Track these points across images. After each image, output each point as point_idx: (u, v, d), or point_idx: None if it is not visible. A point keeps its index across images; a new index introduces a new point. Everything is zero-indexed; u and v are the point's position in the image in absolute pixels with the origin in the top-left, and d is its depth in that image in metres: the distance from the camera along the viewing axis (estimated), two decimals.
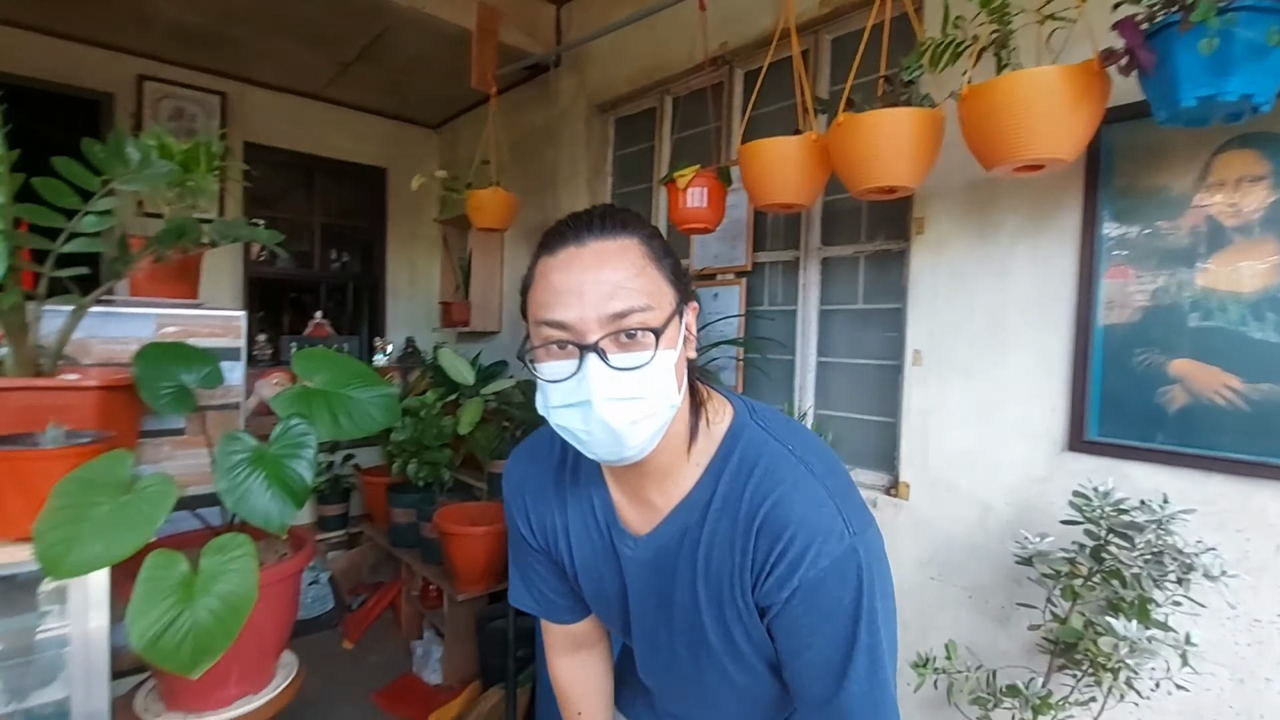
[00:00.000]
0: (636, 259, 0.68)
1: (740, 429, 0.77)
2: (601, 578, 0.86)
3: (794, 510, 0.70)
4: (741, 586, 0.73)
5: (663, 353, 0.67)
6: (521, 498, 0.89)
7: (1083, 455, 1.48)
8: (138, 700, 1.44)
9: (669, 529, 0.78)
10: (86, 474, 1.09)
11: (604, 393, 0.65)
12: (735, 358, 2.25)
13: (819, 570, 0.68)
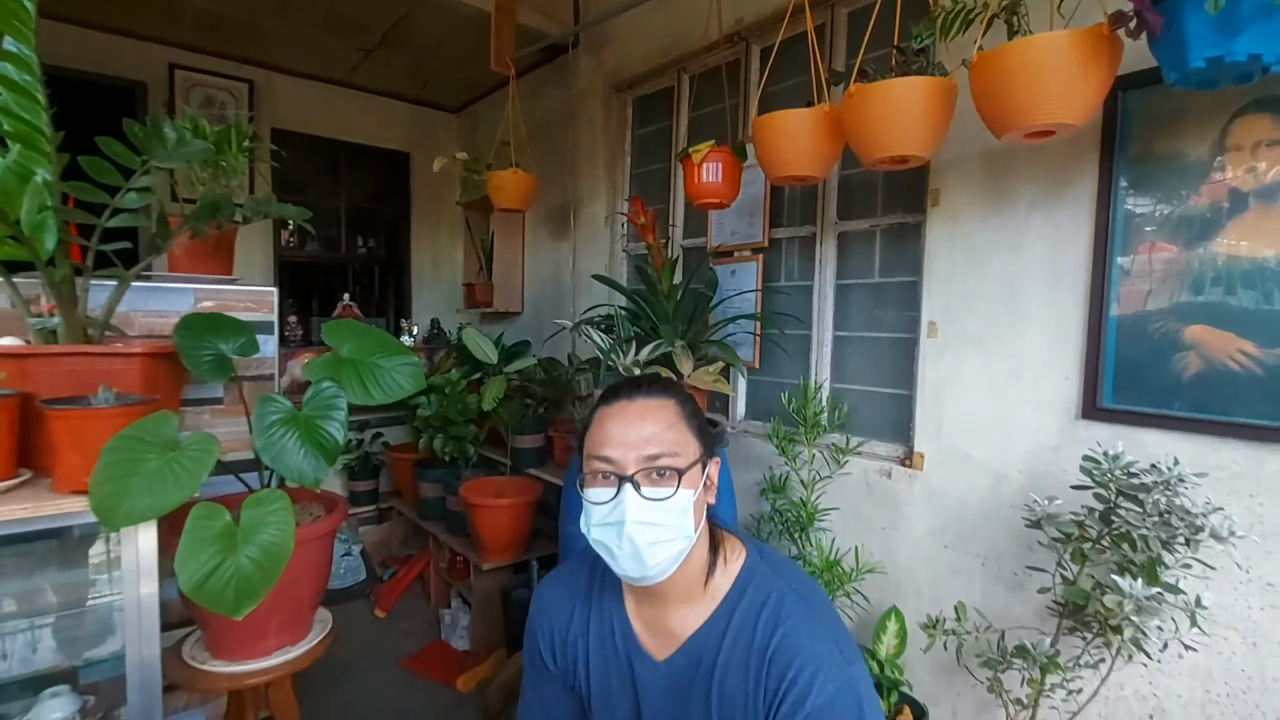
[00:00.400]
0: (671, 417, 0.85)
1: (753, 569, 0.90)
2: (614, 701, 0.95)
3: (802, 643, 0.82)
4: (754, 711, 0.83)
5: (684, 490, 0.83)
6: (548, 619, 0.99)
7: (1096, 423, 1.49)
8: (185, 649, 1.54)
9: (686, 655, 0.89)
10: (135, 432, 1.16)
11: (634, 516, 0.81)
12: (753, 333, 2.28)
13: (826, 697, 0.79)
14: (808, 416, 1.91)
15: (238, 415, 1.73)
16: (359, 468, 3.74)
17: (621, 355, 2.03)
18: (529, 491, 2.69)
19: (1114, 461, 1.27)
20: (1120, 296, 1.46)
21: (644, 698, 0.93)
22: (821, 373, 2.11)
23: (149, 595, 1.39)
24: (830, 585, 1.77)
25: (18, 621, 1.51)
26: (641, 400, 0.86)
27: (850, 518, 1.97)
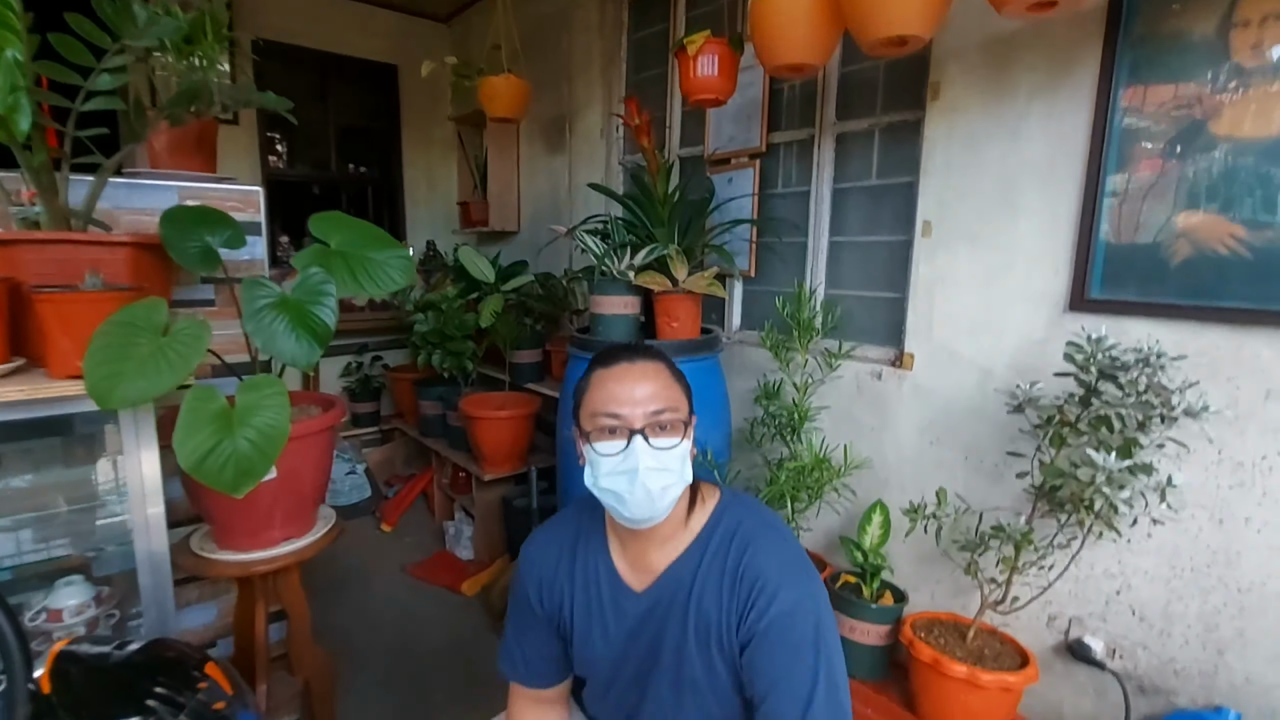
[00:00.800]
0: (665, 378, 0.96)
1: (725, 506, 1.03)
2: (594, 634, 1.05)
3: (767, 561, 0.95)
4: (728, 625, 0.95)
5: (684, 441, 0.95)
6: (536, 567, 1.08)
7: (1083, 315, 1.49)
8: (194, 541, 1.60)
9: (664, 584, 1.00)
10: (126, 317, 1.17)
11: (646, 464, 0.91)
12: (749, 240, 2.26)
13: (787, 606, 0.91)
14: (801, 321, 1.91)
15: (231, 318, 1.74)
16: (359, 390, 3.78)
17: (616, 261, 2.02)
18: (528, 405, 2.74)
19: (1097, 344, 1.28)
20: (1116, 184, 1.44)
21: (625, 627, 1.03)
22: (816, 278, 2.10)
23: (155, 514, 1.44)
24: (819, 481, 1.82)
25: (26, 516, 1.56)
26: (641, 363, 0.96)
27: (841, 419, 2.00)
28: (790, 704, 0.90)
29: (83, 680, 1.08)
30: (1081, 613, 1.54)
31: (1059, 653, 1.58)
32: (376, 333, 3.83)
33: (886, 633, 1.67)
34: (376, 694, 2.08)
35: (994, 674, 1.43)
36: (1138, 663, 1.46)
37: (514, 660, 1.12)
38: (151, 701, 1.09)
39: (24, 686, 0.75)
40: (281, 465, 1.50)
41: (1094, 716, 1.54)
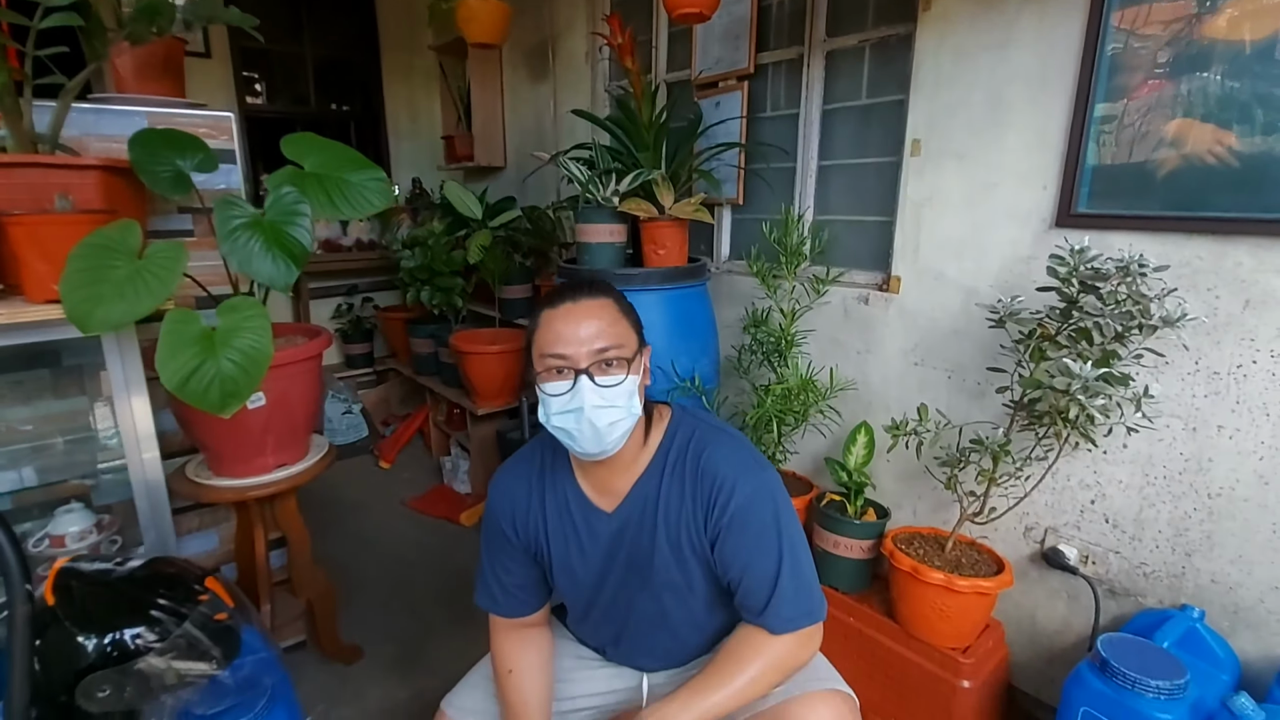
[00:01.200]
0: (612, 314, 0.98)
1: (678, 420, 1.08)
2: (572, 558, 1.10)
3: (724, 457, 1.01)
4: (696, 525, 1.02)
5: (630, 377, 0.96)
6: (508, 500, 1.12)
7: (1069, 230, 1.48)
8: (189, 469, 1.63)
9: (633, 500, 1.05)
10: (99, 240, 1.16)
11: (591, 402, 0.94)
12: (737, 166, 2.21)
13: (746, 496, 0.99)
14: (789, 246, 1.90)
15: (210, 249, 1.72)
16: (351, 331, 3.78)
17: (601, 188, 1.99)
18: (518, 340, 2.74)
19: (1079, 256, 1.27)
20: (1107, 92, 1.41)
21: (600, 547, 1.08)
22: (805, 202, 2.07)
23: (148, 441, 1.46)
24: (805, 404, 1.84)
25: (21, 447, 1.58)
26: (585, 301, 0.97)
27: (827, 344, 2.02)
28: (760, 583, 0.98)
29: (85, 594, 1.11)
30: (1057, 523, 1.59)
31: (1034, 561, 1.64)
32: (365, 273, 3.80)
33: (869, 547, 1.73)
34: (379, 616, 2.16)
35: (969, 579, 1.48)
36: (1109, 568, 1.52)
37: (492, 593, 1.16)
38: (155, 612, 1.13)
39: (21, 587, 0.77)
40: (270, 392, 1.51)
41: (1065, 619, 1.61)
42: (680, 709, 0.95)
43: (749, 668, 0.98)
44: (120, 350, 1.40)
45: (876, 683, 1.66)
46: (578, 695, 1.20)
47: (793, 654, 0.99)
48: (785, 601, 0.98)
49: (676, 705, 0.95)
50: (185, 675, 1.13)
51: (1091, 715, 1.25)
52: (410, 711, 1.74)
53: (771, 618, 0.98)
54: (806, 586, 1.00)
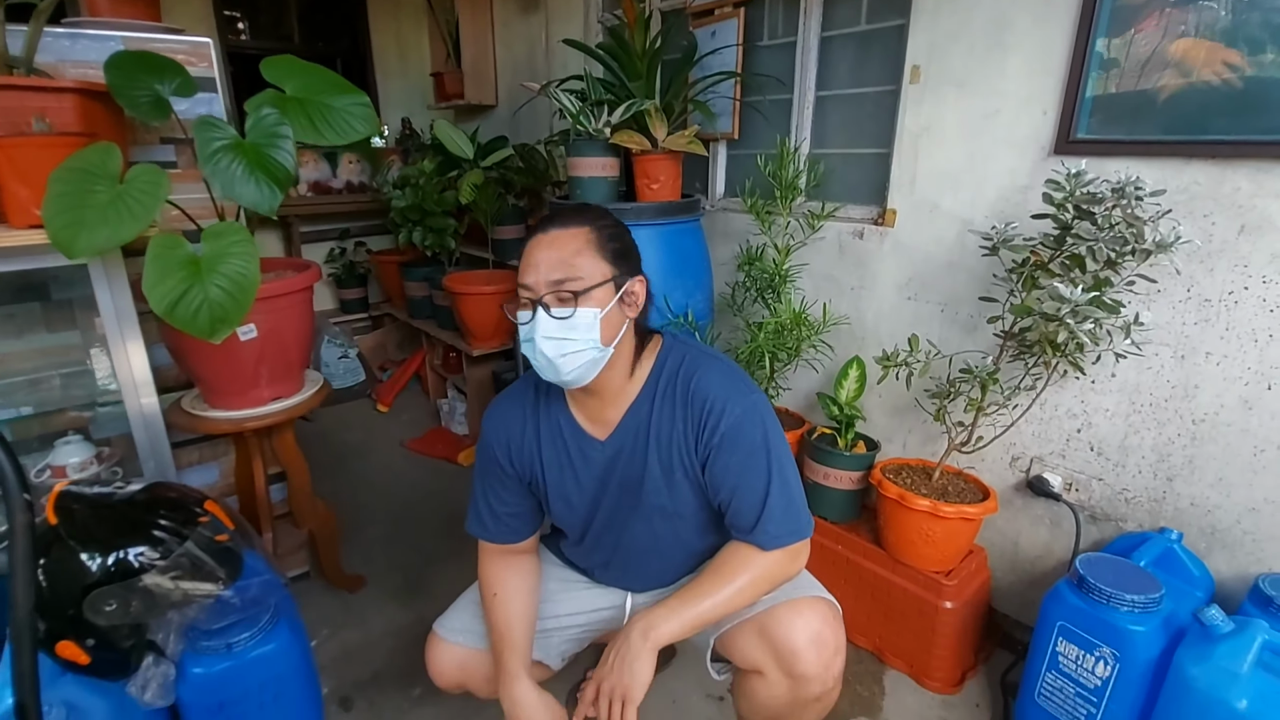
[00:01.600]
0: (579, 244, 0.96)
1: (669, 348, 1.08)
2: (567, 486, 1.12)
3: (713, 380, 1.03)
4: (687, 448, 1.03)
5: (584, 309, 0.94)
6: (503, 429, 1.13)
7: (1068, 157, 1.45)
8: (185, 402, 1.64)
9: (625, 427, 1.06)
10: (79, 163, 1.14)
11: (543, 332, 0.95)
12: (732, 98, 2.16)
13: (736, 418, 1.00)
14: (784, 180, 1.87)
15: (195, 180, 1.69)
16: (345, 276, 3.76)
17: (593, 120, 1.94)
18: (512, 280, 2.72)
19: (1075, 180, 1.26)
20: (1112, 11, 1.36)
21: (594, 474, 1.10)
22: (801, 134, 2.03)
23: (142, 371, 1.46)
24: (798, 339, 1.85)
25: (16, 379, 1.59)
26: (555, 231, 0.96)
27: (821, 280, 2.01)
28: (750, 501, 1.01)
29: (87, 515, 1.14)
30: (1043, 452, 1.62)
31: (1019, 490, 1.67)
32: (357, 216, 3.75)
33: (858, 478, 1.76)
34: (380, 550, 2.21)
35: (955, 505, 1.51)
36: (1092, 494, 1.55)
37: (483, 520, 1.18)
38: (156, 533, 1.16)
39: (19, 495, 0.79)
40: (262, 325, 1.51)
41: (1047, 544, 1.65)
42: (667, 615, 0.98)
43: (737, 579, 1.01)
44: (109, 282, 1.39)
45: (863, 605, 1.71)
46: (562, 614, 1.24)
47: (781, 567, 1.03)
48: (774, 519, 1.00)
49: (663, 611, 0.98)
50: (190, 593, 1.17)
51: (1067, 629, 1.30)
52: (414, 634, 1.80)
53: (760, 535, 1.01)
54: (795, 505, 1.03)
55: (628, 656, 0.96)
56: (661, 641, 0.97)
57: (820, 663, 1.01)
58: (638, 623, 0.98)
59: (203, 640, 1.20)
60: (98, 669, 1.13)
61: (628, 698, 0.95)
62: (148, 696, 1.17)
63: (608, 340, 0.98)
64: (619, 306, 0.99)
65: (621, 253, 1.00)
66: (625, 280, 0.99)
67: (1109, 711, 1.26)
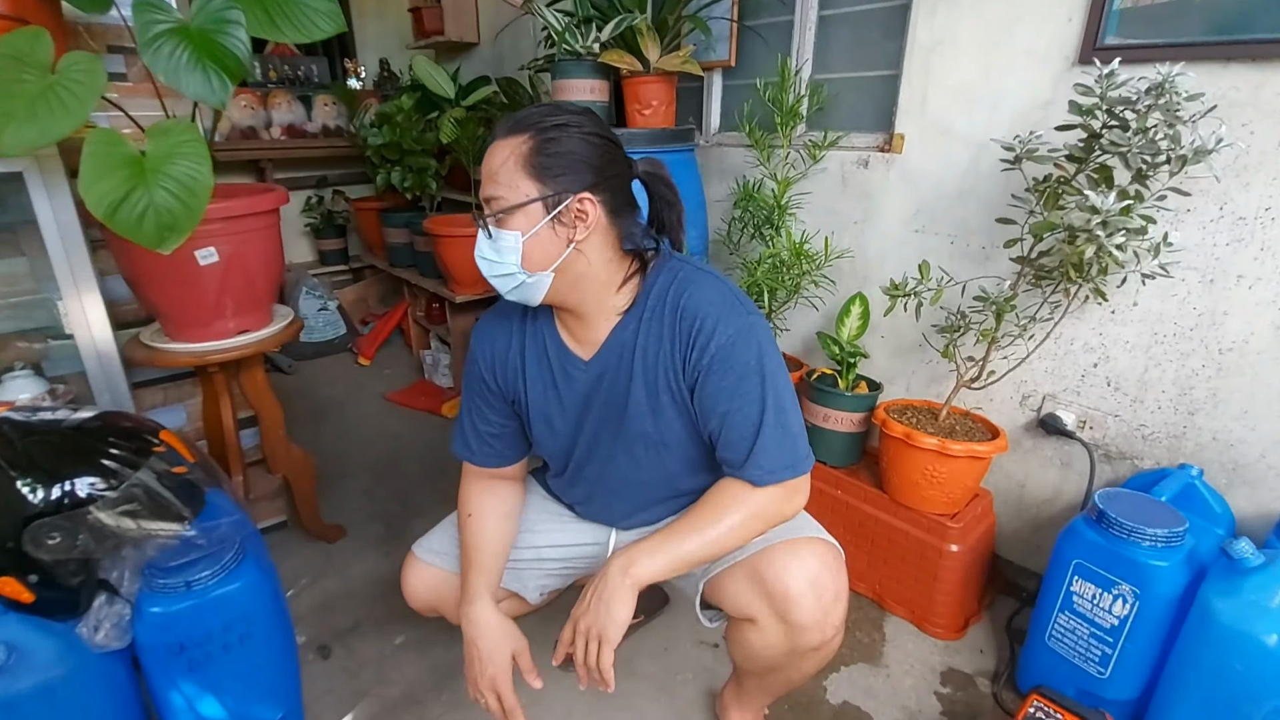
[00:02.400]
0: (512, 159, 0.84)
1: (661, 265, 0.96)
2: (550, 407, 1.04)
3: (705, 297, 0.92)
4: (674, 369, 0.93)
5: (505, 232, 0.86)
6: (488, 345, 1.06)
7: (1094, 67, 1.35)
8: (144, 335, 1.53)
9: (610, 347, 0.97)
10: (5, 49, 1.01)
11: (479, 250, 0.90)
12: (729, 20, 2.02)
13: (728, 337, 0.89)
14: (784, 106, 1.75)
15: (147, 95, 1.55)
16: (324, 226, 3.61)
17: (580, 38, 1.81)
18: None
19: (1107, 80, 1.15)
20: None
21: (577, 396, 1.02)
22: (803, 56, 1.90)
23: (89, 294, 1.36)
24: (797, 275, 1.75)
25: None
26: (496, 142, 0.87)
27: (822, 214, 1.90)
28: (742, 430, 0.91)
29: (28, 441, 1.04)
30: (1055, 389, 1.54)
31: (1029, 429, 1.60)
32: (334, 163, 3.58)
33: (860, 420, 1.68)
34: (361, 501, 2.13)
35: (963, 443, 1.44)
36: (1107, 431, 1.48)
37: (467, 440, 1.12)
38: (106, 462, 1.06)
39: None
40: (224, 249, 1.40)
41: (1056, 486, 1.59)
42: (649, 552, 0.89)
43: (727, 517, 0.92)
44: (50, 196, 1.27)
45: (863, 551, 1.65)
46: (542, 545, 1.17)
47: (776, 506, 0.93)
48: (768, 452, 0.90)
49: (645, 548, 0.90)
50: (147, 530, 1.07)
51: (1084, 567, 1.23)
52: (395, 583, 1.70)
53: (753, 468, 0.91)
54: (791, 436, 0.92)
55: (605, 594, 0.88)
56: (642, 580, 0.89)
57: (819, 609, 0.92)
58: (617, 559, 0.90)
59: (160, 578, 1.11)
60: (43, 608, 1.04)
61: (604, 638, 0.87)
62: (100, 637, 1.08)
63: (538, 265, 0.87)
64: (553, 228, 0.86)
65: (567, 166, 0.85)
66: (564, 197, 0.85)
67: (1125, 652, 1.21)
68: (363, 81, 3.60)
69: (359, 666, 1.49)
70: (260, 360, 1.64)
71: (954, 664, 1.48)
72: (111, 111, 1.31)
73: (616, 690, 0.87)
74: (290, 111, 3.30)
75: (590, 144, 0.87)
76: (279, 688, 1.26)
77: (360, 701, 1.40)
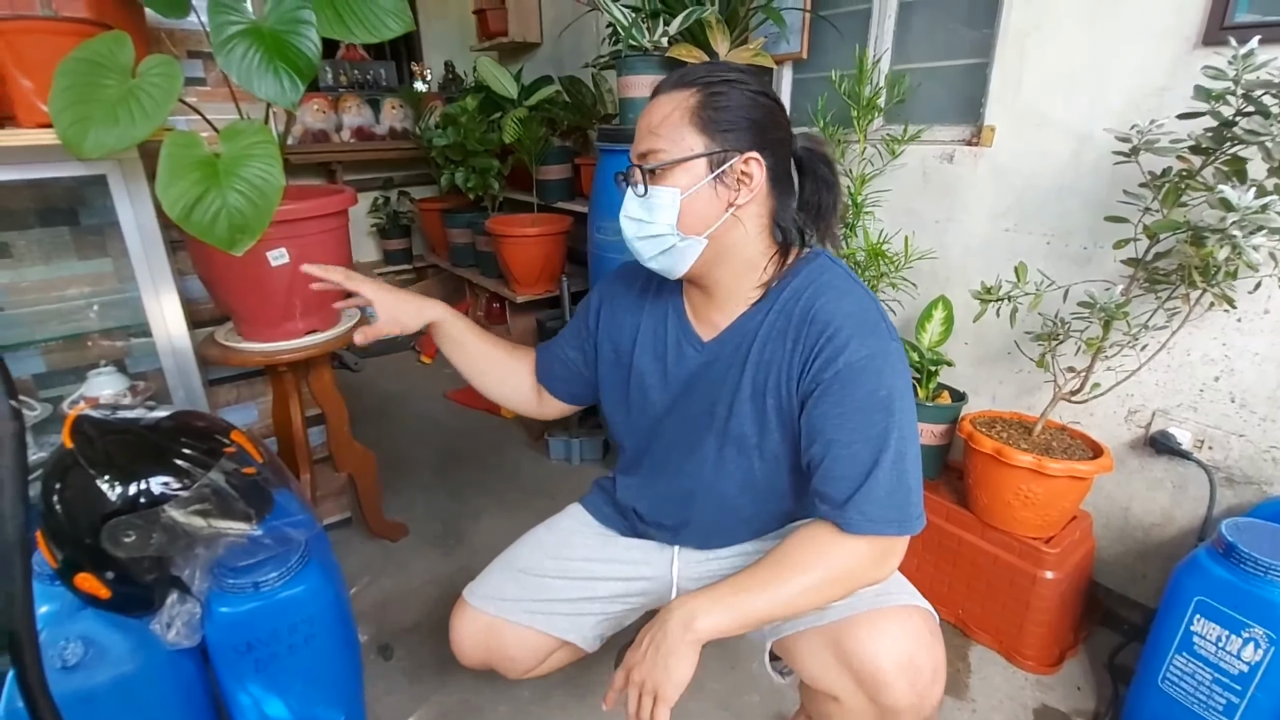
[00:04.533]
0: (677, 112, 0.80)
1: (807, 262, 0.87)
2: (653, 376, 0.98)
3: (843, 307, 0.81)
4: (788, 374, 0.84)
5: (662, 189, 0.81)
6: (613, 287, 1.04)
7: (1220, 48, 1.21)
8: (219, 334, 1.56)
9: (731, 334, 0.90)
10: (87, 53, 1.03)
11: (626, 211, 0.85)
12: (801, 10, 1.93)
13: (861, 358, 0.78)
14: (861, 99, 1.65)
15: (224, 100, 1.59)
16: (389, 226, 3.68)
17: (647, 32, 1.76)
18: (558, 224, 2.57)
19: (1244, 62, 1.02)
20: None
21: (683, 374, 0.95)
22: (881, 47, 1.80)
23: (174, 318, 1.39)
24: (873, 276, 1.65)
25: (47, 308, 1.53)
26: (660, 96, 0.83)
27: (900, 214, 1.79)
28: (851, 466, 0.79)
29: (108, 440, 1.05)
30: (1168, 404, 1.39)
31: (1135, 448, 1.46)
32: (400, 165, 3.65)
33: (942, 432, 1.57)
34: (422, 498, 2.14)
35: (1063, 462, 1.32)
36: (1229, 453, 1.33)
37: (549, 348, 1.13)
38: (179, 461, 1.07)
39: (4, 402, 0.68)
40: (294, 250, 1.41)
41: (1167, 511, 1.44)
42: (713, 604, 0.79)
43: (805, 574, 0.80)
44: (131, 199, 1.29)
45: (945, 573, 1.54)
46: (600, 578, 1.09)
47: (865, 566, 0.81)
48: (876, 498, 0.78)
49: (710, 599, 0.80)
50: (217, 529, 1.08)
51: (1208, 605, 1.10)
52: (453, 585, 1.71)
53: (853, 511, 0.78)
54: (906, 489, 0.79)
55: (664, 649, 0.79)
56: (704, 636, 0.79)
57: (914, 693, 0.80)
58: (678, 610, 0.80)
59: (229, 578, 1.11)
60: (119, 604, 1.06)
61: (660, 695, 0.78)
62: (172, 635, 1.09)
63: (693, 228, 0.82)
64: (714, 187, 0.80)
65: (734, 122, 0.79)
66: (730, 156, 0.80)
67: (1255, 702, 1.07)
68: (428, 84, 3.66)
69: (419, 669, 1.48)
70: (328, 360, 1.65)
71: (1048, 701, 1.36)
72: (190, 115, 1.34)
73: (679, 707, 0.79)
74: (359, 115, 3.38)
75: (758, 103, 0.81)
76: (342, 690, 1.26)
77: (420, 707, 1.38)
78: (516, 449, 2.48)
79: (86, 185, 1.26)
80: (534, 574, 1.09)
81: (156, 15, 1.21)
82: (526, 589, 1.07)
